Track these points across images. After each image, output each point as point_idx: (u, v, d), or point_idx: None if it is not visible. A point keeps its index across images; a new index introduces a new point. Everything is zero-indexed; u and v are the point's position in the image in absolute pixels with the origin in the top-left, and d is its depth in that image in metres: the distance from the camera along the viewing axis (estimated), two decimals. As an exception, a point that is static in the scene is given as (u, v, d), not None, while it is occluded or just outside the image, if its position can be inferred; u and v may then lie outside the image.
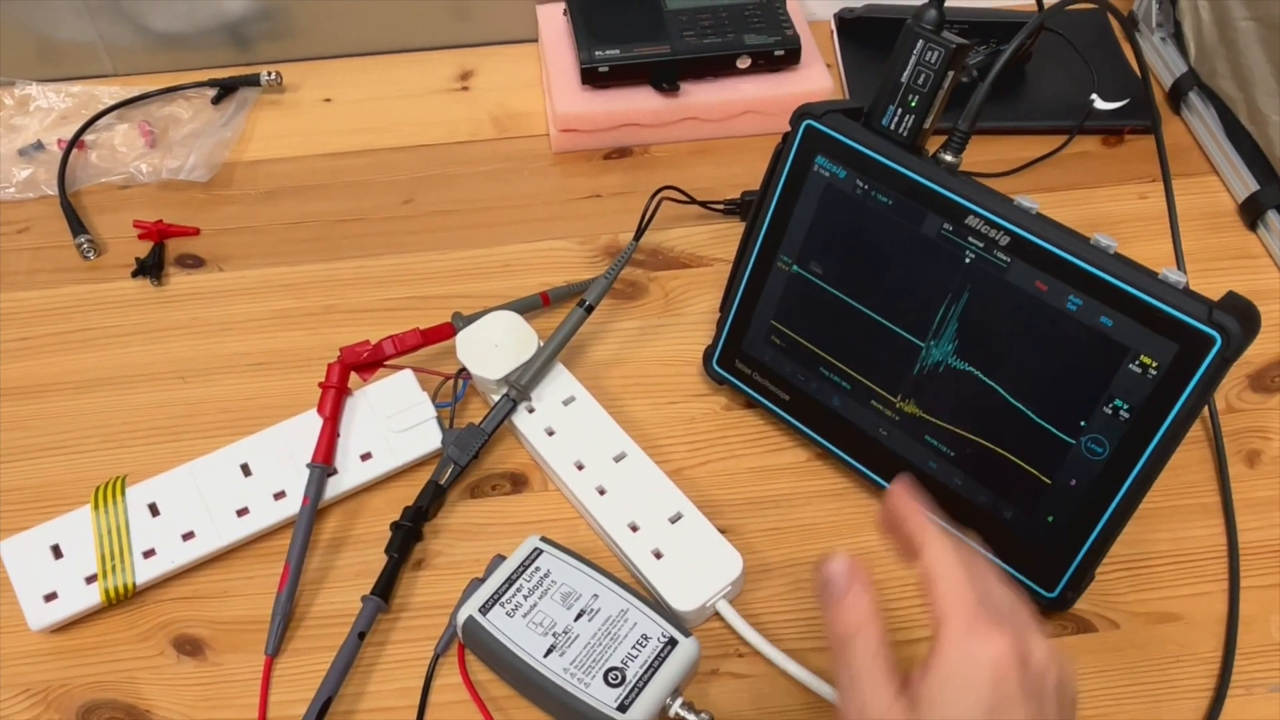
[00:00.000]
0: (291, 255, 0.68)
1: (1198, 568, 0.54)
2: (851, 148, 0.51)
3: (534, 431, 0.57)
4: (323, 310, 0.65)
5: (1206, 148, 0.73)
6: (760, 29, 0.73)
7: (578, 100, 0.73)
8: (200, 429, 0.59)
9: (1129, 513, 0.47)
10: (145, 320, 0.64)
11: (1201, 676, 0.50)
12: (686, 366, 0.62)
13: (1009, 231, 0.48)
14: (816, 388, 0.56)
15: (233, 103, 0.77)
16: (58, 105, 0.77)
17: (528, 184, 0.72)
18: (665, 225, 0.69)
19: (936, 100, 0.49)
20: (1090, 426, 0.47)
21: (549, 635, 0.48)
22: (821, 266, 0.54)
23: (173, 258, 0.68)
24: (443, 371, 0.59)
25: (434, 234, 0.69)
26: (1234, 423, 0.59)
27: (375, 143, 0.75)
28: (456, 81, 0.80)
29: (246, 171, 0.73)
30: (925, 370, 0.52)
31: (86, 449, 0.58)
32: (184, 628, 0.52)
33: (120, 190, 0.72)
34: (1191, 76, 0.76)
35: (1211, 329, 0.43)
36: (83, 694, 0.50)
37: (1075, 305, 0.46)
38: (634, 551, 0.52)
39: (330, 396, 0.56)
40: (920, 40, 0.49)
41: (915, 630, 0.52)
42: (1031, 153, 0.73)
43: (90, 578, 0.51)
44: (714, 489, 0.56)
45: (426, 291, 0.66)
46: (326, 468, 0.55)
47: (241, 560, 0.54)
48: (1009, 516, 0.51)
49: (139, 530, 0.52)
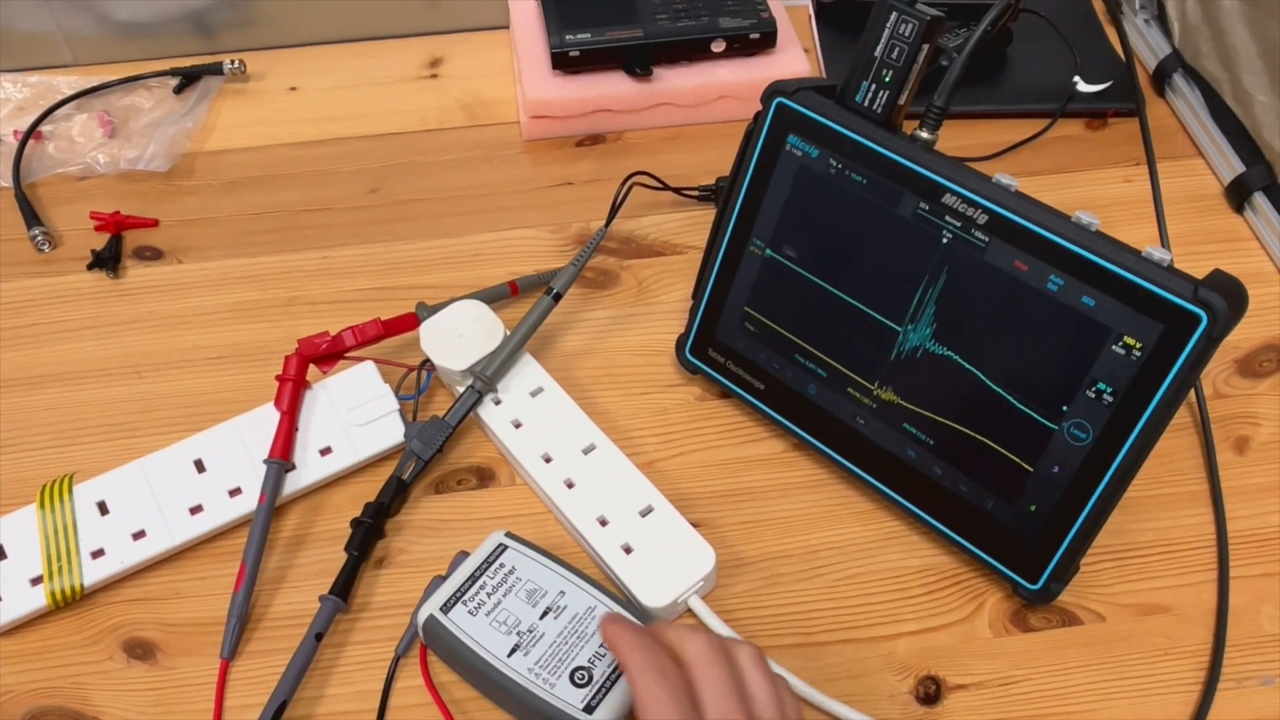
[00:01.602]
0: (253, 246, 0.66)
1: (1186, 558, 0.52)
2: (824, 125, 0.50)
3: (500, 424, 0.55)
4: (285, 302, 0.63)
5: (1191, 130, 0.72)
6: (735, 12, 0.71)
7: (549, 86, 0.71)
8: (155, 425, 0.57)
9: (1114, 501, 0.46)
10: (100, 314, 0.62)
11: (1191, 670, 0.48)
12: (659, 356, 0.60)
13: (987, 210, 0.46)
14: (792, 376, 0.54)
15: (195, 92, 0.75)
16: (15, 96, 0.75)
17: (498, 172, 0.71)
18: (638, 213, 0.67)
19: (911, 75, 0.48)
20: (1073, 411, 0.46)
21: (513, 634, 0.46)
22: (795, 250, 0.52)
23: (130, 250, 0.66)
24: (406, 363, 0.57)
25: (401, 224, 0.67)
26: (1222, 409, 0.57)
27: (341, 132, 0.73)
28: (426, 69, 0.78)
29: (208, 162, 0.71)
30: (903, 356, 0.50)
31: (36, 446, 0.56)
32: (135, 630, 0.50)
33: (78, 181, 0.70)
34: (1175, 58, 0.75)
35: (1197, 307, 0.42)
36: (28, 700, 0.48)
37: (1056, 285, 0.45)
38: (603, 546, 0.51)
39: (288, 390, 0.54)
40: (894, 12, 0.47)
41: (896, 625, 0.50)
42: (1013, 136, 0.71)
43: (36, 579, 0.49)
44: (686, 482, 0.55)
45: (393, 282, 0.64)
46: (284, 463, 0.53)
47: (195, 560, 0.52)
48: (990, 506, 0.49)
49: (87, 530, 0.50)
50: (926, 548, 0.53)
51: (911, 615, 0.50)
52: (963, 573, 0.52)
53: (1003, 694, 0.48)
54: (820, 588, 0.51)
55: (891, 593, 0.51)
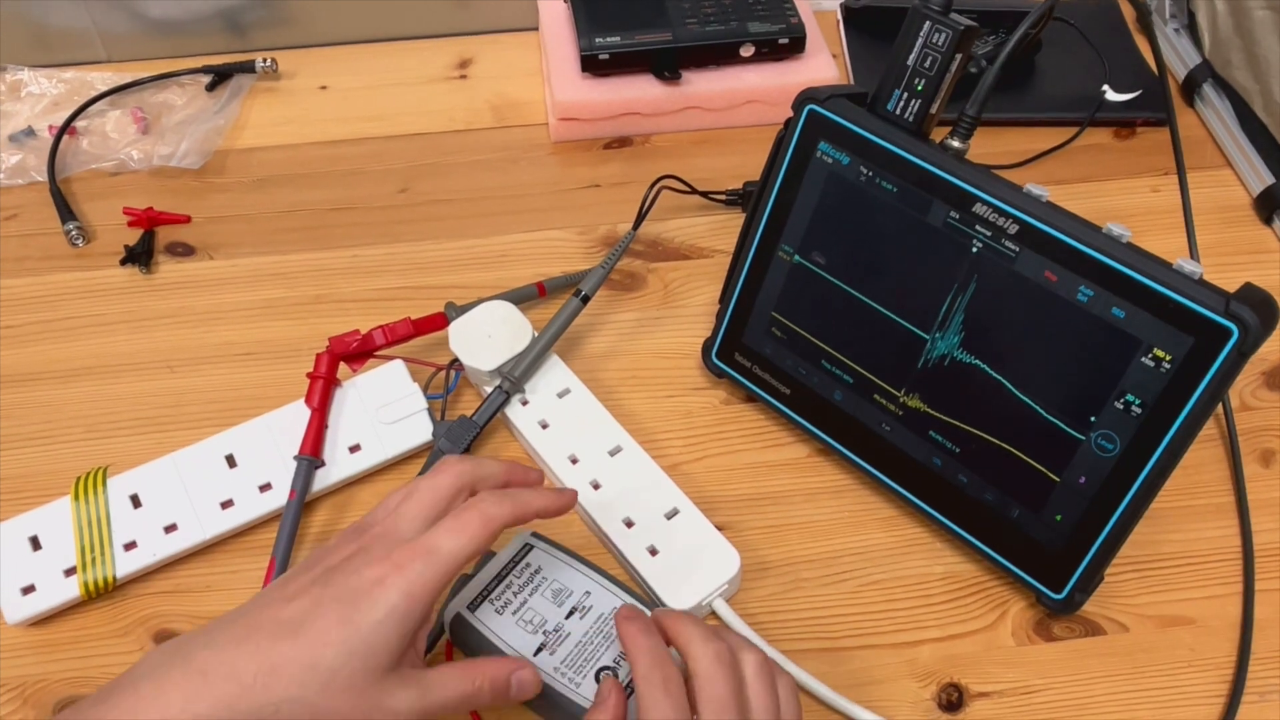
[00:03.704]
0: (283, 244, 0.67)
1: (1210, 570, 0.52)
2: (855, 133, 0.50)
3: (528, 424, 0.55)
4: (313, 300, 0.63)
5: (1221, 140, 0.72)
6: (764, 17, 0.72)
7: (578, 88, 0.71)
8: (186, 420, 0.57)
9: (1140, 512, 0.46)
10: (133, 309, 0.63)
11: (1214, 682, 0.48)
12: (685, 359, 0.60)
13: (1018, 220, 0.46)
14: (818, 381, 0.54)
15: (227, 90, 0.76)
16: (50, 91, 0.75)
17: (526, 173, 0.71)
18: (665, 216, 0.67)
19: (943, 84, 0.48)
20: (1101, 422, 0.46)
21: (539, 633, 0.46)
22: (824, 256, 0.52)
23: (163, 246, 0.67)
24: (434, 362, 0.58)
25: (429, 223, 0.68)
26: (1248, 421, 0.57)
27: (371, 131, 0.74)
28: (455, 70, 0.78)
29: (240, 159, 0.72)
30: (930, 363, 0.50)
31: (69, 439, 0.57)
32: (165, 622, 0.50)
33: (111, 177, 0.71)
34: (1205, 68, 0.74)
35: (1228, 321, 0.42)
36: (60, 690, 0.48)
37: (1086, 296, 0.45)
38: (628, 548, 0.51)
39: (318, 387, 0.54)
40: (927, 22, 0.47)
41: (919, 631, 0.50)
42: (1041, 144, 0.71)
43: (69, 570, 0.50)
44: (711, 485, 0.55)
45: (420, 282, 0.64)
46: (314, 460, 0.53)
47: (225, 554, 0.53)
48: (1016, 515, 0.49)
49: (120, 522, 0.51)
50: (950, 555, 0.53)
51: (935, 622, 0.50)
52: (986, 581, 0.52)
53: (1025, 703, 0.48)
54: (843, 593, 0.51)
55: (915, 599, 0.51)
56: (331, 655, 0.37)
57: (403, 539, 0.40)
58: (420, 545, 0.39)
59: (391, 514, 0.41)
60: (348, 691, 0.37)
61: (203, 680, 0.36)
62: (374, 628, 0.37)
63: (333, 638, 0.37)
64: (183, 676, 0.36)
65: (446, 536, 0.39)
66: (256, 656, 0.37)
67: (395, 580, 0.38)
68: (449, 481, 0.42)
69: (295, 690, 0.36)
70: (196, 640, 0.38)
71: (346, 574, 0.39)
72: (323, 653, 0.37)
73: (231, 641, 0.37)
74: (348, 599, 0.38)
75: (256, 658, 0.37)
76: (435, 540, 0.39)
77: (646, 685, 0.39)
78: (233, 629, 0.38)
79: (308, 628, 0.37)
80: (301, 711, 0.36)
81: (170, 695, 0.36)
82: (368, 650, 0.37)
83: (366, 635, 0.37)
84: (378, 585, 0.38)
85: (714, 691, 0.39)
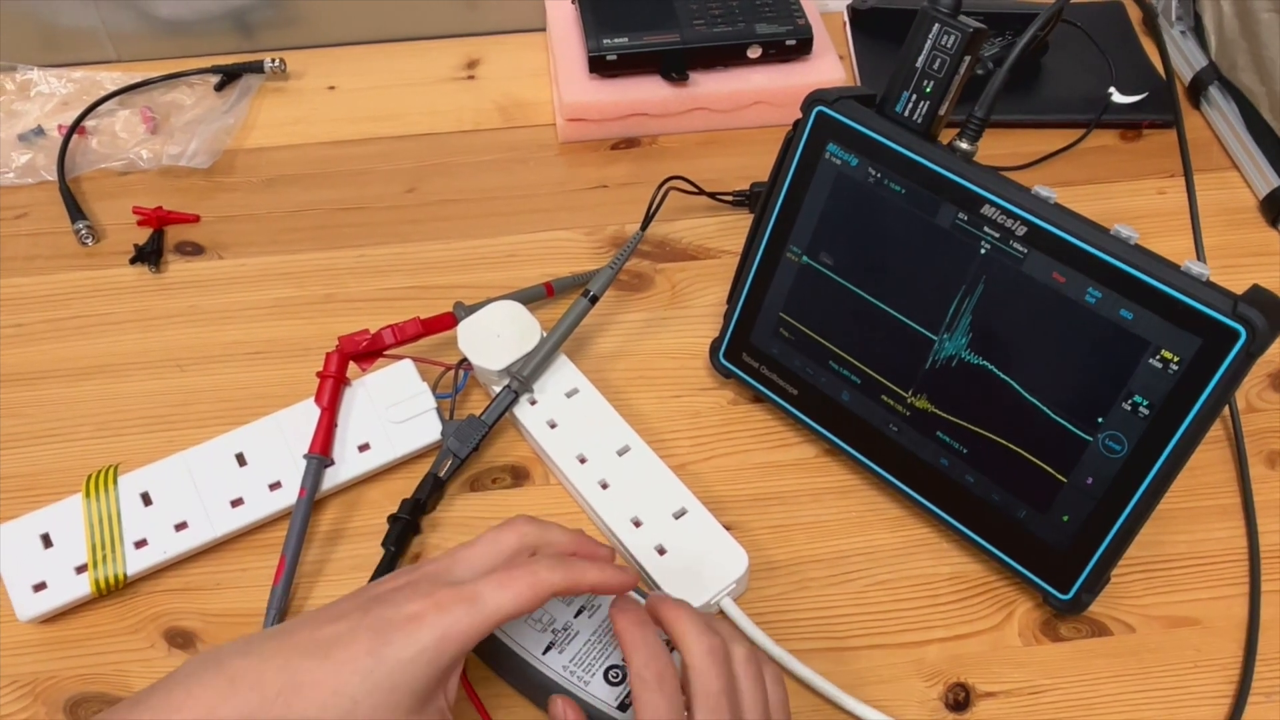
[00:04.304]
0: (292, 244, 0.67)
1: (1217, 571, 0.52)
2: (864, 134, 0.50)
3: (536, 424, 0.55)
4: (322, 299, 0.64)
5: (1227, 143, 0.72)
6: (771, 18, 0.72)
7: (585, 89, 0.72)
8: (196, 418, 0.58)
9: (1147, 513, 0.46)
10: (142, 308, 0.63)
11: (1220, 682, 0.49)
12: (692, 359, 0.61)
13: (1026, 221, 0.46)
14: (825, 382, 0.54)
15: (236, 89, 0.76)
16: (59, 91, 0.76)
17: (533, 174, 0.71)
18: (673, 216, 0.67)
19: (952, 86, 0.48)
20: (1108, 423, 0.46)
21: (548, 632, 0.46)
22: (832, 257, 0.53)
23: (172, 245, 0.67)
24: (443, 362, 0.58)
25: (437, 223, 0.68)
26: (1254, 423, 0.57)
27: (379, 131, 0.74)
28: (462, 70, 0.79)
29: (248, 159, 0.72)
30: (938, 364, 0.50)
31: (79, 437, 0.57)
32: (176, 620, 0.51)
33: (120, 176, 0.71)
34: (1212, 70, 0.74)
35: (1236, 323, 0.42)
36: (71, 686, 0.49)
37: (1094, 298, 0.45)
38: (637, 547, 0.51)
39: (328, 386, 0.55)
40: (936, 24, 0.47)
41: (925, 631, 0.50)
42: (1047, 146, 0.71)
43: (80, 568, 0.50)
44: (719, 484, 0.55)
45: (428, 281, 0.65)
46: (324, 459, 0.53)
47: (235, 552, 0.53)
48: (1023, 515, 0.49)
49: (131, 520, 0.51)
50: (957, 555, 0.53)
51: (941, 622, 0.51)
52: (993, 581, 0.52)
53: (1032, 703, 0.48)
54: (850, 593, 0.52)
55: (921, 599, 0.51)
56: (357, 684, 0.36)
57: (451, 582, 0.39)
58: (465, 590, 0.38)
59: (449, 556, 0.41)
60: None
61: (230, 687, 0.36)
62: (401, 664, 0.37)
63: (359, 666, 0.37)
64: (213, 681, 0.37)
65: (493, 588, 0.38)
66: (284, 671, 0.36)
67: (433, 620, 0.37)
68: (513, 539, 0.41)
69: (315, 712, 0.36)
70: (234, 648, 0.38)
71: (387, 605, 0.38)
72: (348, 680, 0.36)
73: (264, 654, 0.37)
74: (381, 629, 0.37)
75: (284, 672, 0.36)
76: (481, 589, 0.38)
77: (641, 683, 0.39)
78: (270, 642, 0.38)
79: (337, 652, 0.37)
80: None
81: (199, 699, 0.36)
82: (392, 685, 0.37)
83: (392, 669, 0.37)
84: (413, 621, 0.37)
85: (707, 686, 0.39)
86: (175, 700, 0.37)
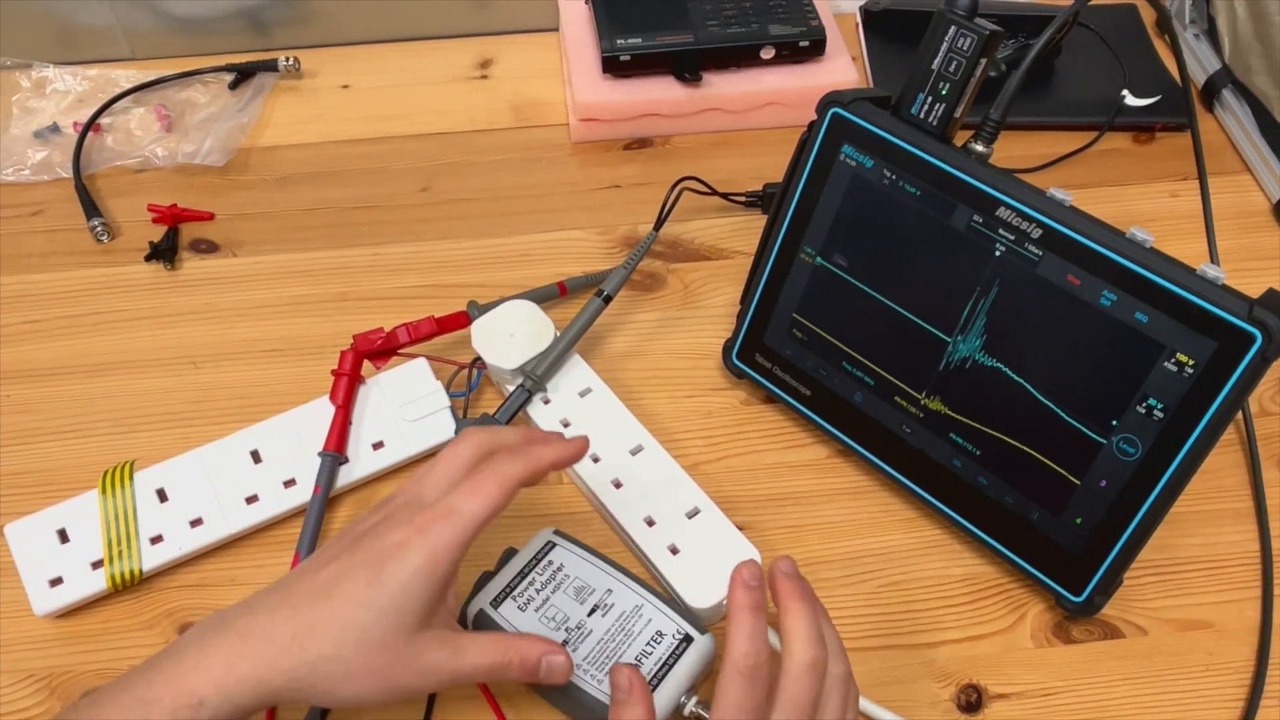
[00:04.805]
0: (306, 242, 0.67)
1: (1230, 574, 0.52)
2: (879, 136, 0.50)
3: (549, 423, 0.56)
4: (336, 298, 0.64)
5: (1240, 146, 0.72)
6: (785, 19, 0.72)
7: (598, 89, 0.72)
8: (211, 415, 0.58)
9: (1160, 516, 0.46)
10: (157, 305, 0.64)
11: (1232, 686, 0.49)
12: (705, 360, 0.61)
13: (1041, 224, 0.46)
14: (838, 383, 0.54)
15: (250, 88, 0.76)
16: (74, 88, 0.76)
17: (546, 173, 0.71)
18: (685, 217, 0.67)
19: (968, 88, 0.48)
20: (1122, 426, 0.46)
21: (561, 630, 0.46)
22: (846, 259, 0.53)
23: (186, 242, 0.67)
24: (457, 360, 0.58)
25: (450, 222, 0.68)
26: (1268, 427, 0.57)
27: (392, 130, 0.74)
28: (476, 70, 0.79)
29: (262, 157, 0.72)
30: (952, 366, 0.50)
31: (95, 434, 0.57)
32: (190, 615, 0.51)
33: (135, 174, 0.71)
34: (1225, 73, 0.74)
35: (1252, 326, 0.42)
36: (87, 681, 0.49)
37: (1109, 301, 0.45)
38: (650, 546, 0.51)
39: (343, 384, 0.55)
40: (953, 26, 0.47)
41: (938, 632, 0.50)
42: (1061, 149, 0.71)
43: (96, 563, 0.51)
44: (731, 485, 0.55)
45: (442, 280, 0.65)
46: (338, 456, 0.54)
47: (250, 548, 0.53)
48: (1036, 518, 0.49)
49: (147, 516, 0.52)
50: (970, 557, 0.53)
51: (954, 623, 0.51)
52: (1006, 583, 0.52)
53: (1044, 704, 0.48)
54: (863, 594, 0.52)
55: (934, 600, 0.51)
56: (362, 614, 0.39)
57: (425, 504, 0.41)
58: (440, 508, 0.41)
59: (415, 483, 0.43)
60: (380, 649, 0.39)
61: (244, 643, 0.38)
62: (400, 587, 0.39)
63: (362, 598, 0.39)
64: (225, 641, 0.38)
65: (465, 498, 0.41)
66: (293, 619, 0.39)
67: (418, 542, 0.40)
68: (468, 449, 0.43)
69: (330, 649, 0.38)
70: (236, 610, 0.40)
71: (373, 539, 0.40)
72: (354, 612, 0.39)
73: (269, 608, 0.39)
74: (374, 561, 0.39)
75: (293, 620, 0.39)
76: (454, 502, 0.41)
77: (734, 668, 0.39)
78: (270, 597, 0.40)
79: (338, 590, 0.39)
80: (337, 668, 0.38)
81: (213, 659, 0.38)
82: (395, 609, 0.39)
83: (394, 594, 0.39)
84: (401, 547, 0.40)
85: (796, 696, 0.39)
86: (188, 662, 0.38)
